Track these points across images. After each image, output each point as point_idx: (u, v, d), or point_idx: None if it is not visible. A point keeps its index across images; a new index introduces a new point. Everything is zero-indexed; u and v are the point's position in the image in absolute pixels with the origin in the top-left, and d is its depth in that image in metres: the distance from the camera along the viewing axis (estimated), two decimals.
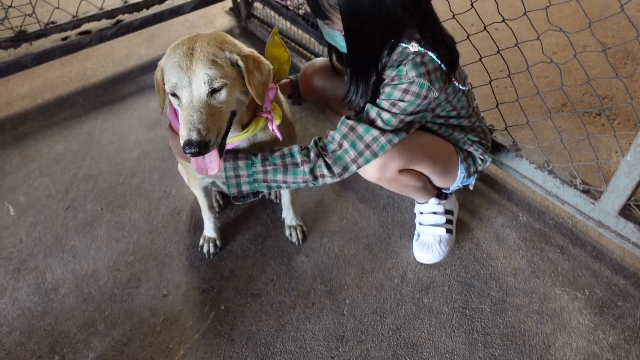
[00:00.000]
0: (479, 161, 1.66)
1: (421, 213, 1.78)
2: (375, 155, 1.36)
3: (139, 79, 2.56)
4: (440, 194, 1.76)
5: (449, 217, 1.77)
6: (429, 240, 1.72)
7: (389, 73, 1.36)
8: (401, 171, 1.49)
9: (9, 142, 2.20)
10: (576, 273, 1.70)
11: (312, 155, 1.35)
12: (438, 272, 1.71)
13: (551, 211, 1.90)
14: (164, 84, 1.25)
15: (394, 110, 1.32)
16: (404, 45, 1.32)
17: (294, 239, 1.79)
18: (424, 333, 1.55)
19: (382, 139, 1.34)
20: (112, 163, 2.10)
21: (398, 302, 1.63)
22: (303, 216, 1.87)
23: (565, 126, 2.24)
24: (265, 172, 1.35)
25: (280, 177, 1.36)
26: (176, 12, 2.71)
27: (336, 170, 1.36)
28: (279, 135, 1.38)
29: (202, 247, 1.77)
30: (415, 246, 1.74)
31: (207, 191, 1.65)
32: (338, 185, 1.99)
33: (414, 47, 1.30)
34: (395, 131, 1.35)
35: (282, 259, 1.75)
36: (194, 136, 1.14)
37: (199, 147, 1.15)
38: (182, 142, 1.16)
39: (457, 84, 1.39)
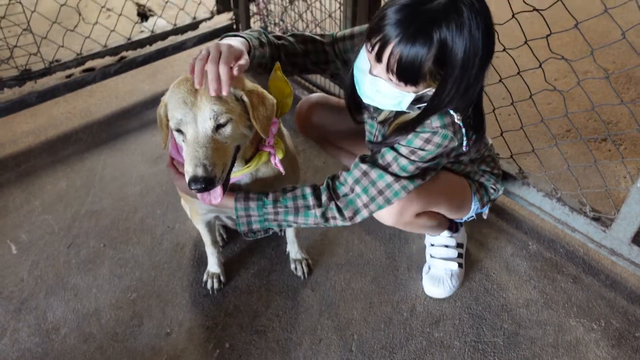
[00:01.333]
0: (492, 191, 1.63)
1: (432, 245, 1.74)
2: (388, 201, 1.32)
3: (142, 115, 2.57)
4: (451, 226, 1.72)
5: (460, 250, 1.74)
6: (440, 274, 1.68)
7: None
8: (417, 214, 1.45)
9: (13, 179, 2.19)
10: (591, 303, 1.65)
11: (324, 198, 1.32)
12: (448, 305, 1.66)
13: (561, 239, 1.86)
14: (167, 120, 1.24)
15: (413, 157, 1.28)
16: (452, 112, 1.25)
17: (299, 273, 1.75)
18: None
19: (396, 186, 1.30)
20: (114, 199, 2.09)
21: (408, 336, 1.58)
22: (308, 249, 1.84)
23: (571, 152, 2.23)
24: (276, 213, 1.33)
25: (291, 218, 1.34)
26: (179, 47, 2.75)
27: (347, 214, 1.33)
28: (281, 169, 1.36)
29: (205, 282, 1.73)
30: (425, 280, 1.70)
31: (210, 226, 1.63)
32: None
33: (457, 117, 1.24)
34: (411, 178, 1.30)
35: (288, 293, 1.71)
36: (200, 172, 1.13)
37: (205, 183, 1.13)
38: (187, 178, 1.14)
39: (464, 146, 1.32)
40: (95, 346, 1.57)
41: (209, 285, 1.72)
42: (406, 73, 1.12)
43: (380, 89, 1.21)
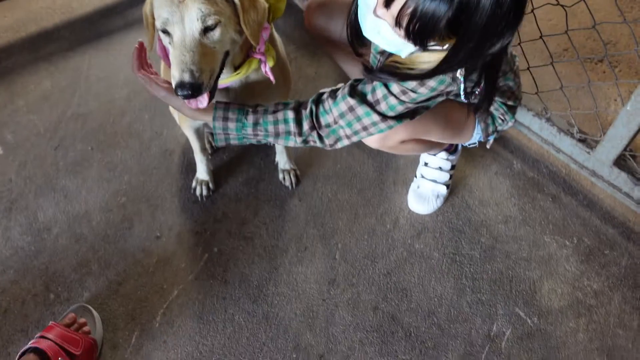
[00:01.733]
0: (499, 120, 1.50)
1: (426, 164, 1.73)
2: (370, 134, 1.27)
3: (126, 13, 2.44)
4: (449, 147, 1.70)
5: (452, 172, 1.74)
6: (427, 194, 1.71)
7: None
8: (404, 140, 1.39)
9: None
10: (566, 221, 1.72)
11: (305, 127, 1.26)
12: (430, 219, 1.72)
13: (545, 159, 1.89)
14: (153, 19, 1.19)
15: (403, 97, 1.17)
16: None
17: (287, 183, 1.78)
18: (414, 278, 1.58)
19: (382, 125, 1.23)
20: (101, 101, 2.04)
21: (389, 247, 1.65)
22: (297, 160, 1.85)
23: (565, 72, 2.19)
24: (255, 135, 1.29)
25: (270, 139, 1.30)
26: None
27: (328, 142, 1.29)
28: (271, 77, 1.33)
29: (194, 189, 1.76)
30: (411, 195, 1.74)
31: (199, 133, 1.62)
32: None
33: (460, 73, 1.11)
34: (398, 117, 1.22)
35: (275, 202, 1.75)
36: (187, 78, 1.09)
37: (192, 90, 1.10)
38: (174, 83, 1.12)
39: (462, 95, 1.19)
40: (87, 246, 1.62)
41: (197, 192, 1.75)
42: (415, 32, 0.95)
43: (381, 32, 1.04)
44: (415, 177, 1.78)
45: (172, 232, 1.67)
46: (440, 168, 1.72)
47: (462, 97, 1.17)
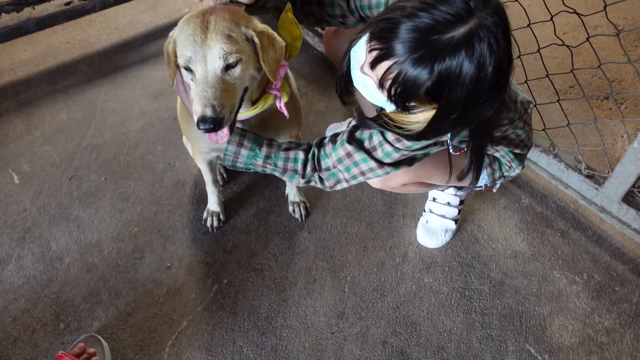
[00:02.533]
0: (506, 167, 1.49)
1: (434, 200, 1.75)
2: (369, 179, 1.32)
3: (142, 48, 2.52)
4: None
5: (460, 207, 1.75)
6: (435, 228, 1.73)
7: None
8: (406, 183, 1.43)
9: (12, 108, 2.19)
10: (576, 257, 1.72)
11: (308, 169, 1.32)
12: (439, 253, 1.73)
13: (554, 195, 1.90)
14: (175, 57, 1.23)
15: (398, 145, 1.20)
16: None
17: (297, 215, 1.80)
18: (423, 312, 1.58)
19: (379, 171, 1.27)
20: (116, 133, 2.09)
21: (398, 280, 1.65)
22: (306, 193, 1.87)
23: (572, 108, 2.23)
24: (264, 166, 1.33)
25: (277, 174, 1.34)
26: None
27: (328, 184, 1.34)
28: (286, 113, 1.37)
29: (205, 220, 1.78)
30: (420, 230, 1.75)
31: (212, 165, 1.65)
32: None
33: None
34: (395, 164, 1.26)
35: (285, 234, 1.76)
36: (209, 113, 1.12)
37: (213, 124, 1.13)
38: (196, 117, 1.14)
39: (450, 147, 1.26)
40: (98, 276, 1.64)
41: (208, 223, 1.77)
42: (396, 95, 1.00)
43: (367, 86, 1.08)
44: (424, 211, 1.80)
45: (183, 263, 1.68)
46: (448, 203, 1.73)
47: (451, 150, 1.23)
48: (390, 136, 1.20)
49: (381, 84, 1.01)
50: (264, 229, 1.78)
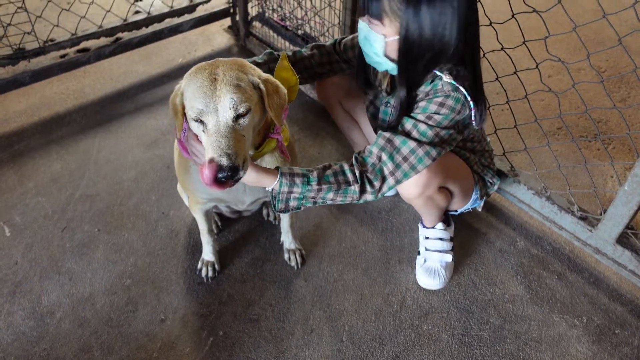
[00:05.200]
0: (489, 184, 1.73)
1: (427, 238, 1.78)
2: (413, 167, 1.37)
3: (136, 97, 2.55)
4: (445, 220, 1.78)
5: (452, 243, 1.79)
6: (434, 266, 1.73)
7: (423, 88, 1.39)
8: (438, 189, 1.53)
9: (5, 160, 2.18)
10: (574, 300, 1.71)
11: (357, 172, 1.35)
12: (437, 298, 1.71)
13: (548, 236, 1.91)
14: (182, 108, 1.25)
15: (430, 122, 1.35)
16: (438, 72, 1.36)
17: (293, 263, 1.78)
18: None
19: (420, 151, 1.35)
20: (109, 183, 2.09)
21: (397, 328, 1.63)
22: (302, 239, 1.87)
23: (561, 150, 2.27)
24: (319, 190, 1.34)
25: (331, 195, 1.36)
26: (175, 30, 2.72)
27: (376, 184, 1.36)
28: (287, 155, 1.39)
29: (200, 270, 1.76)
30: (420, 272, 1.74)
31: (208, 215, 1.64)
32: (337, 208, 1.99)
33: (447, 77, 1.34)
34: (433, 144, 1.36)
35: (281, 283, 1.74)
36: (225, 161, 1.13)
37: (231, 172, 1.13)
38: (212, 167, 1.14)
39: (473, 120, 1.41)
40: (90, 331, 1.60)
41: (203, 273, 1.74)
42: (368, 6, 1.30)
43: (366, 35, 1.37)
44: (419, 253, 1.80)
45: (177, 315, 1.65)
46: (441, 238, 1.77)
47: (474, 121, 1.38)
48: (421, 116, 1.35)
49: (362, 4, 1.33)
50: (260, 278, 1.76)
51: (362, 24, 1.38)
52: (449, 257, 1.75)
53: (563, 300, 1.71)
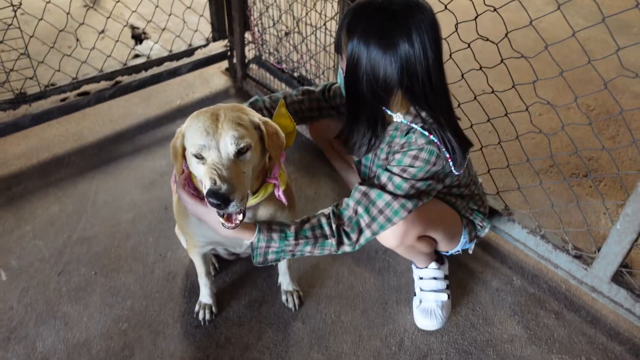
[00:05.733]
0: (479, 227, 1.73)
1: (421, 278, 1.79)
2: (389, 220, 1.38)
3: (135, 139, 2.59)
4: (438, 259, 1.79)
5: (447, 282, 1.79)
6: (431, 307, 1.73)
7: (399, 140, 1.42)
8: (418, 238, 1.54)
9: (3, 203, 2.19)
10: (572, 339, 1.71)
11: (333, 226, 1.38)
12: (435, 339, 1.70)
13: (544, 275, 1.92)
14: (183, 150, 1.28)
15: (405, 175, 1.37)
16: (389, 113, 1.42)
17: (291, 305, 1.78)
18: None
19: (395, 204, 1.37)
20: (107, 225, 2.10)
21: None
22: (299, 280, 1.87)
23: (555, 187, 2.30)
24: (296, 244, 1.37)
25: (308, 248, 1.38)
26: (174, 73, 2.78)
27: (353, 237, 1.39)
28: (284, 200, 1.41)
29: (197, 313, 1.75)
30: (416, 313, 1.74)
31: (206, 258, 1.65)
32: None
33: (398, 117, 1.41)
34: (408, 197, 1.38)
35: (279, 325, 1.74)
36: (219, 187, 1.14)
37: (222, 200, 1.14)
38: (205, 191, 1.16)
39: (452, 168, 1.42)
40: None
41: (200, 316, 1.74)
42: (336, 40, 1.41)
43: (339, 71, 1.46)
44: (415, 294, 1.80)
45: None
46: (434, 278, 1.77)
47: (453, 168, 1.40)
48: (396, 169, 1.38)
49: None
50: (257, 321, 1.75)
51: (341, 63, 1.46)
52: (444, 296, 1.75)
53: (561, 340, 1.71)
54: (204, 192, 1.17)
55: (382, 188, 1.39)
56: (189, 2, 2.79)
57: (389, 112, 1.43)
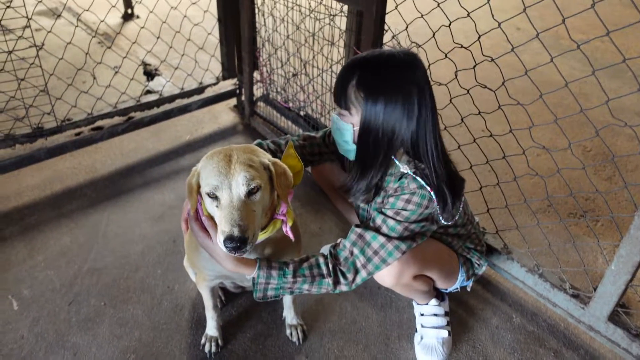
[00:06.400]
0: (476, 265, 1.78)
1: (422, 315, 1.83)
2: (384, 261, 1.45)
3: (145, 172, 2.67)
4: (438, 295, 1.83)
5: (447, 318, 1.83)
6: (432, 343, 1.77)
7: (392, 185, 1.49)
8: (414, 277, 1.59)
9: (16, 233, 2.26)
10: None
11: (330, 266, 1.45)
12: None
13: (543, 313, 1.96)
14: (198, 187, 1.36)
15: (398, 218, 1.44)
16: (397, 163, 1.48)
17: (295, 339, 1.82)
18: None
19: (389, 245, 1.43)
20: (117, 256, 2.15)
21: None
22: (303, 314, 1.91)
23: (552, 226, 2.36)
24: (294, 282, 1.44)
25: (306, 286, 1.45)
26: (184, 109, 2.89)
27: (349, 276, 1.45)
28: (291, 236, 1.47)
29: (203, 345, 1.79)
30: (418, 349, 1.78)
31: (214, 291, 1.70)
32: None
33: (404, 168, 1.46)
34: (402, 239, 1.44)
35: (283, 359, 1.77)
36: (236, 232, 1.22)
37: (240, 242, 1.22)
38: (223, 237, 1.24)
39: (440, 218, 1.48)
40: None
41: (206, 349, 1.77)
42: (337, 96, 1.46)
43: (338, 126, 1.51)
44: (416, 330, 1.84)
45: None
46: (435, 314, 1.82)
47: (441, 218, 1.46)
48: (390, 212, 1.44)
49: (334, 96, 1.49)
50: (262, 354, 1.79)
51: (334, 117, 1.52)
52: (445, 333, 1.79)
53: None
54: (220, 238, 1.25)
55: (377, 230, 1.45)
56: (201, 43, 2.92)
57: (397, 162, 1.49)
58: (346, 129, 1.48)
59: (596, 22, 1.66)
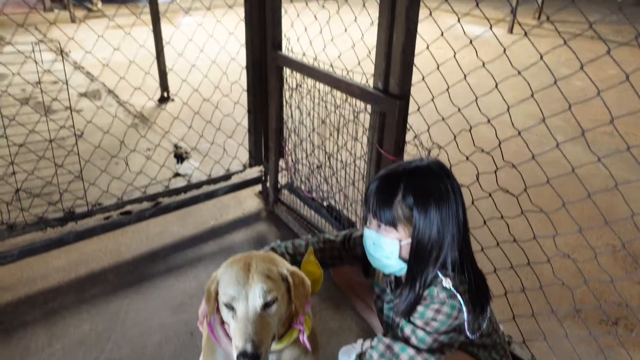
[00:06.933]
0: None
1: None
2: None
3: (169, 258, 2.70)
4: None
5: None
6: None
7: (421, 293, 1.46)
8: None
9: (39, 317, 2.27)
10: None
11: None
12: None
13: None
14: (216, 294, 1.36)
15: (428, 329, 1.39)
16: (441, 276, 1.43)
17: None
18: None
19: (419, 358, 1.39)
20: (133, 347, 2.14)
21: None
22: None
23: (582, 333, 2.26)
24: None
25: None
26: (210, 195, 2.96)
27: None
28: (308, 346, 1.45)
29: None
30: None
31: None
32: None
33: (447, 283, 1.41)
34: (431, 351, 1.39)
35: None
36: (249, 348, 1.21)
37: (253, 359, 1.20)
38: (236, 353, 1.23)
39: (467, 332, 1.45)
40: None
41: None
42: (382, 214, 1.41)
43: (375, 241, 1.47)
44: None
45: None
46: None
47: (467, 332, 1.42)
48: (419, 322, 1.40)
49: (373, 213, 1.44)
50: None
51: (369, 232, 1.48)
52: None
53: None
54: (234, 353, 1.24)
55: (406, 341, 1.41)
56: (230, 131, 3.04)
57: (440, 276, 1.43)
58: (389, 244, 1.45)
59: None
